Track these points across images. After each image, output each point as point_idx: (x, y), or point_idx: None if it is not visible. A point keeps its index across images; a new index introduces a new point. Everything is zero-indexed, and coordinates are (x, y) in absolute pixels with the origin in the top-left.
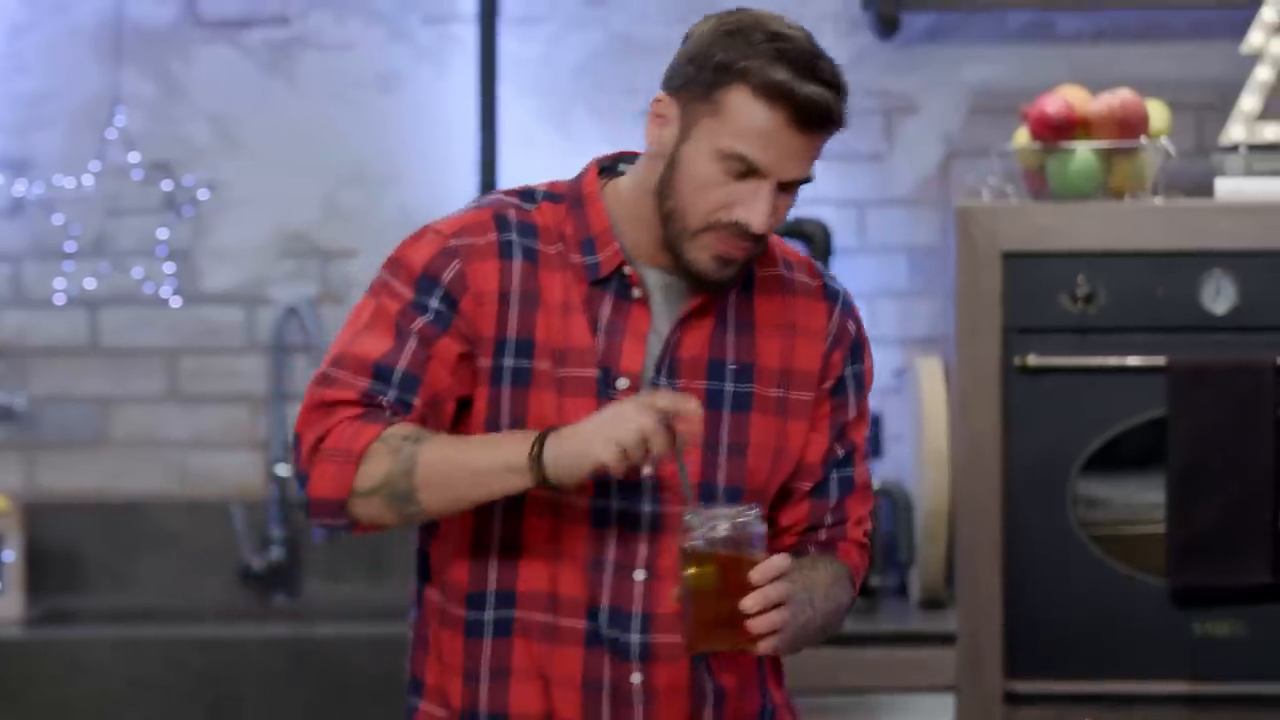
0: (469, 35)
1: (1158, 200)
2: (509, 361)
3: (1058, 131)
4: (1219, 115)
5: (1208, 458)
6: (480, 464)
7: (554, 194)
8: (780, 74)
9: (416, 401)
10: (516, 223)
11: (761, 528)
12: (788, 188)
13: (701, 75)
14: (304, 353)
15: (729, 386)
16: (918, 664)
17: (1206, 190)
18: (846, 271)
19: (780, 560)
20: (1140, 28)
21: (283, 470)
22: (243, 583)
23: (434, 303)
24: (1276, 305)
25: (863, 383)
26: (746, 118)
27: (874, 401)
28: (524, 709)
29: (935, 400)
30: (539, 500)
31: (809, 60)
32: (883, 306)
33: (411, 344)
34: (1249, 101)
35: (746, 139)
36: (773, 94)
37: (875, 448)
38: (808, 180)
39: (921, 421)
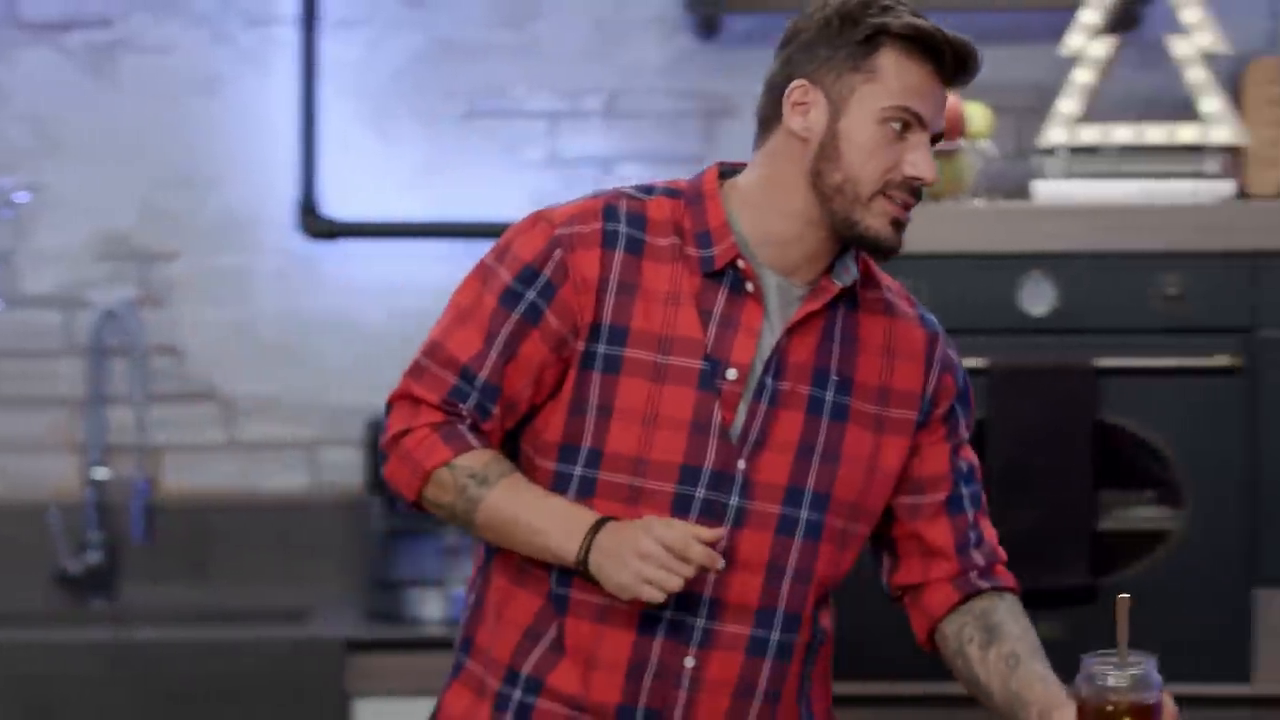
0: (290, 38)
1: (978, 202)
2: (602, 348)
3: None
4: (1039, 118)
5: (1027, 460)
6: (531, 538)
7: (672, 190)
8: (925, 27)
9: (495, 410)
10: (626, 213)
11: (1158, 676)
12: (934, 142)
13: (843, 51)
14: (123, 356)
15: (829, 396)
16: None
17: (1026, 192)
18: None
19: (1174, 708)
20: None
21: (101, 474)
22: (60, 586)
23: (532, 294)
24: (1096, 307)
25: (969, 407)
26: (903, 73)
27: None
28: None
29: None
30: (611, 485)
31: (930, 20)
32: None
33: (498, 349)
34: (1068, 104)
35: (906, 94)
36: (923, 46)
37: None
38: (943, 136)
39: None
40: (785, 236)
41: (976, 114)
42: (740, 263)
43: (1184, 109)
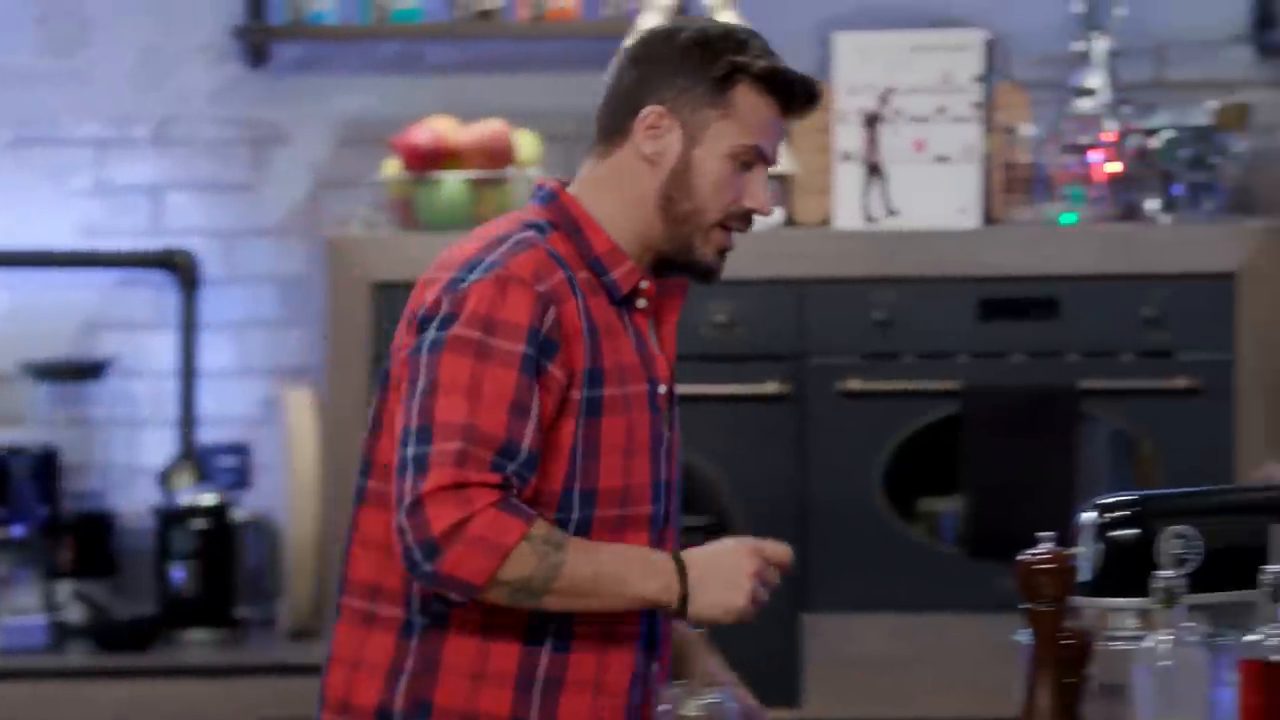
0: None
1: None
2: (590, 392)
3: (427, 162)
4: (586, 145)
5: None
6: (619, 589)
7: (541, 224)
8: (776, 64)
9: (533, 478)
10: (561, 257)
11: (734, 705)
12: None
13: (701, 86)
14: None
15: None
16: (287, 695)
17: None
18: (215, 302)
19: None
20: (510, 59)
21: None
22: None
23: (543, 359)
24: None
25: None
26: (756, 112)
27: (242, 432)
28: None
29: (304, 431)
30: (603, 519)
31: (782, 60)
32: (252, 337)
33: (533, 418)
34: None
35: (757, 132)
36: (774, 85)
37: (244, 478)
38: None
39: (291, 452)
40: (632, 254)
41: (525, 142)
42: (644, 283)
43: None
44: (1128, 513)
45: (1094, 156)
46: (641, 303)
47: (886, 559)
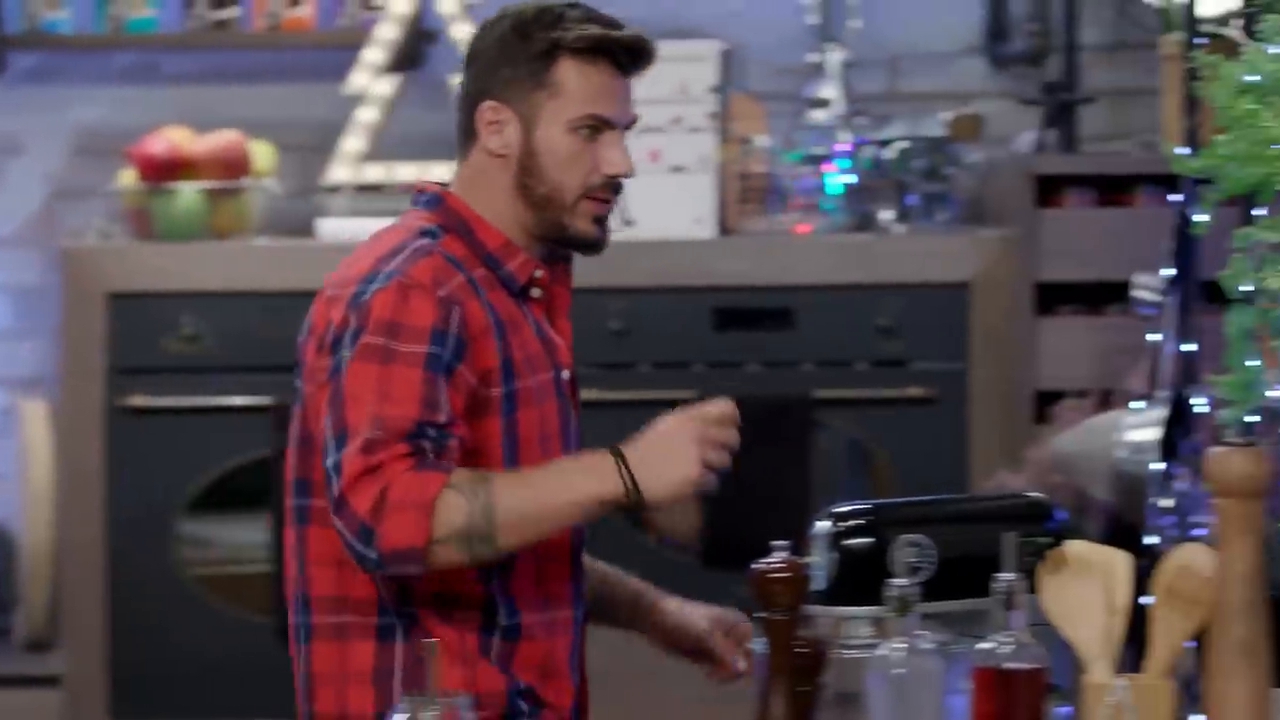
0: None
1: (263, 240)
2: (507, 388)
3: (163, 172)
4: (323, 156)
5: None
6: (564, 499)
7: (440, 227)
8: (594, 30)
9: (453, 444)
10: (456, 259)
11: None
12: (624, 131)
13: (523, 69)
14: None
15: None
16: (22, 707)
17: (311, 230)
18: None
19: None
20: (246, 69)
21: None
22: None
23: (448, 355)
24: None
25: None
26: (583, 82)
27: None
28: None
29: (39, 441)
30: None
31: (600, 14)
32: None
33: (444, 397)
34: (352, 142)
35: (590, 101)
36: (596, 50)
37: None
38: (636, 121)
39: (25, 463)
40: (521, 245)
41: (261, 152)
42: (538, 272)
43: None
44: (861, 521)
45: (829, 167)
46: (536, 292)
47: (624, 566)
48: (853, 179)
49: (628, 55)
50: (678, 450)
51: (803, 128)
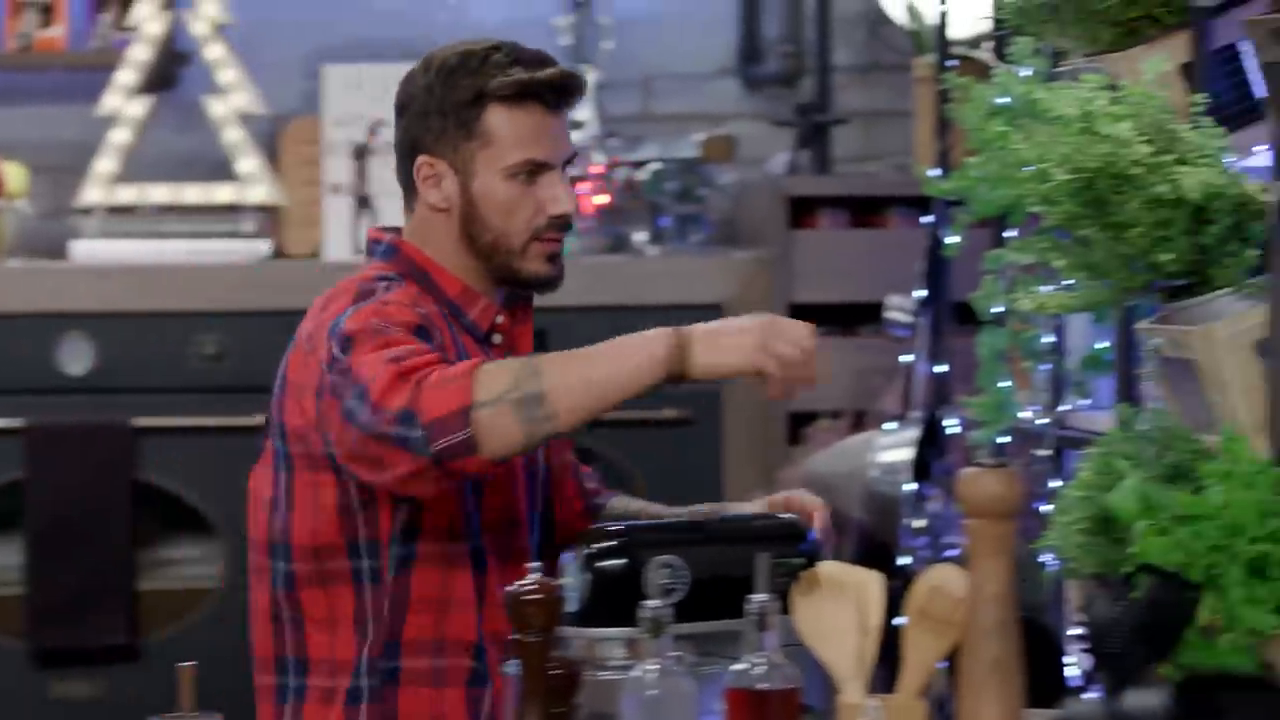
0: None
1: (14, 262)
2: None
3: None
4: (76, 177)
5: (66, 520)
6: (615, 356)
7: (399, 275)
8: (518, 74)
9: None
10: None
11: None
12: (565, 168)
13: (451, 120)
14: None
15: None
16: None
17: (64, 252)
18: None
19: None
20: None
21: None
22: None
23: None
24: (133, 367)
25: None
26: (514, 128)
27: None
28: None
29: None
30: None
31: (528, 52)
32: None
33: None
34: (104, 164)
35: (523, 146)
36: (523, 94)
37: None
38: (576, 155)
39: None
40: (484, 276)
41: (12, 173)
42: (499, 318)
43: (222, 169)
44: (614, 543)
45: (582, 189)
46: (498, 338)
47: None
48: (606, 200)
49: (555, 94)
50: (743, 329)
51: None
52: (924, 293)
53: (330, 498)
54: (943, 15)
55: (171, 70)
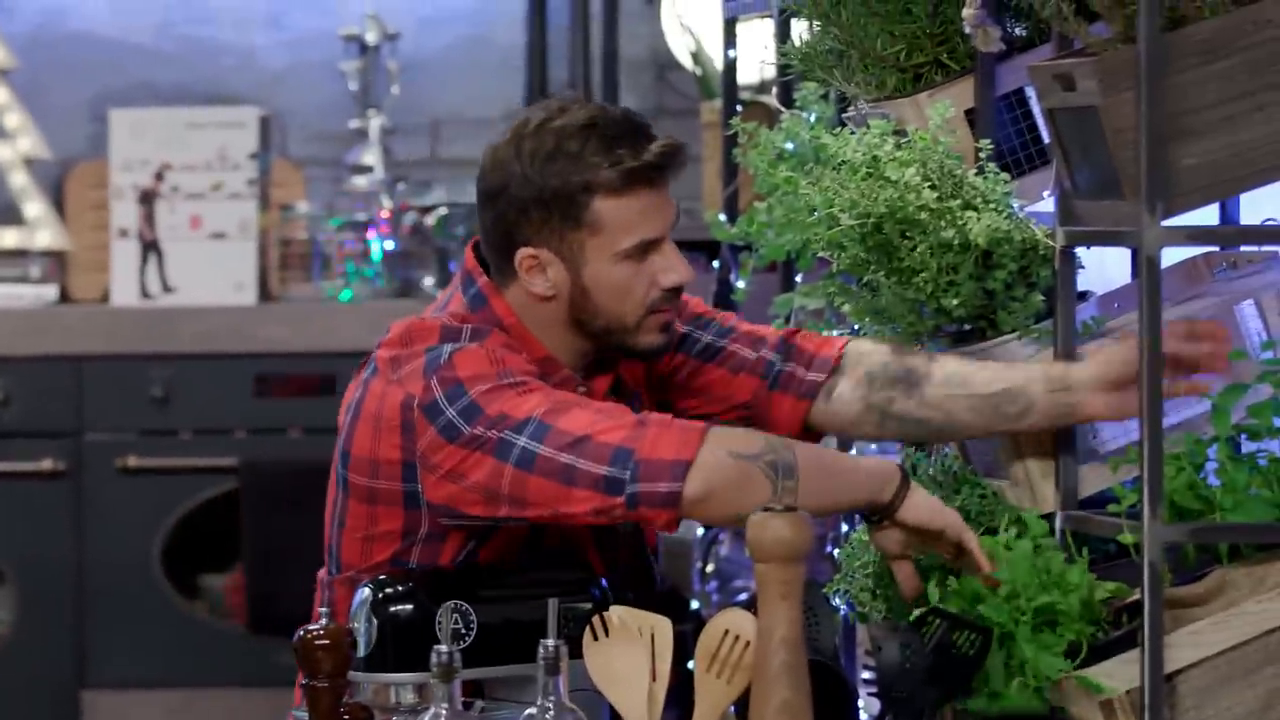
0: None
1: None
2: None
3: None
4: None
5: None
6: (849, 473)
7: (479, 327)
8: (619, 162)
9: None
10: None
11: None
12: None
13: (556, 212)
14: None
15: None
16: None
17: None
18: None
19: None
20: None
21: None
22: None
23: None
24: None
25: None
26: (623, 213)
27: None
28: None
29: None
30: None
31: (622, 126)
32: None
33: None
34: None
35: (634, 229)
36: (628, 182)
37: None
38: (679, 215)
39: None
40: (567, 362)
41: None
42: (581, 389)
43: (8, 214)
44: (403, 588)
45: (370, 234)
46: None
47: (166, 636)
48: (394, 245)
49: (661, 171)
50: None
51: (344, 194)
52: None
53: (390, 525)
54: (729, 60)
55: None
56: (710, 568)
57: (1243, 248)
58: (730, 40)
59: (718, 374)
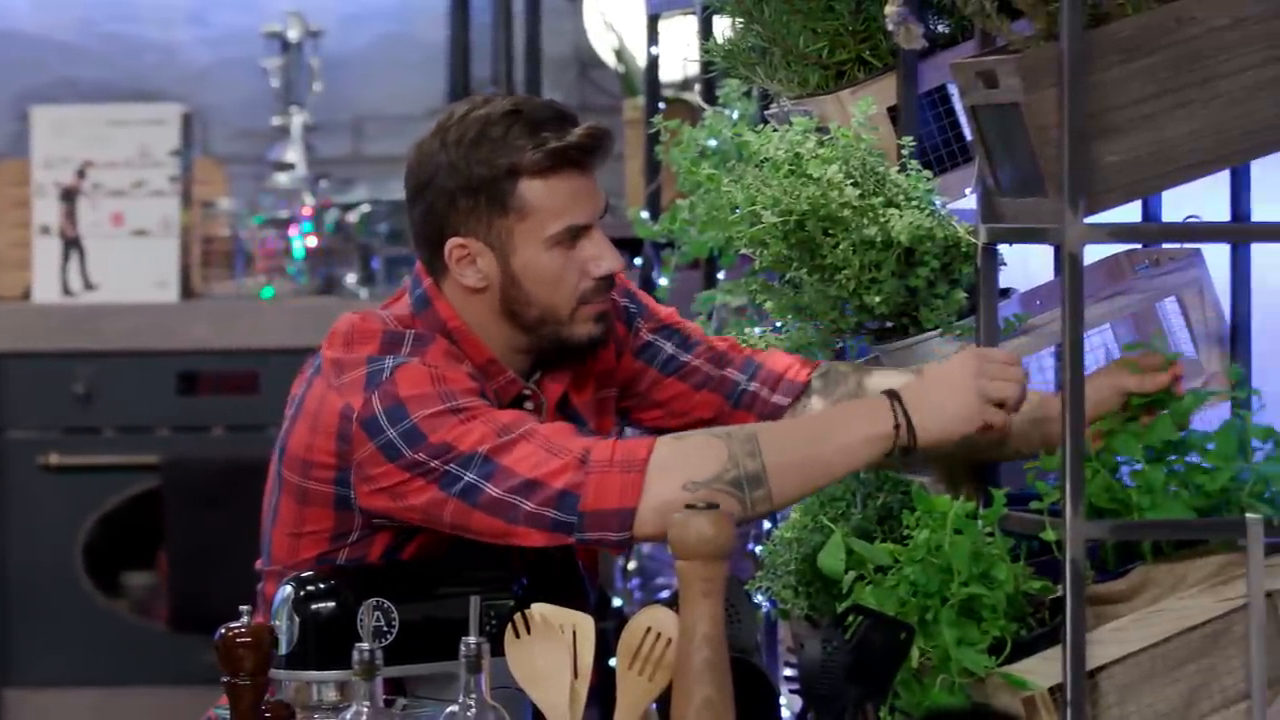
0: None
1: None
2: None
3: None
4: None
5: None
6: (834, 440)
7: (424, 336)
8: (544, 143)
9: None
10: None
11: None
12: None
13: (482, 197)
14: None
15: None
16: None
17: None
18: None
19: None
20: None
21: None
22: None
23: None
24: None
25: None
26: (551, 197)
27: None
28: None
29: None
30: None
31: (547, 112)
32: None
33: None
34: None
35: (562, 214)
36: (553, 163)
37: None
38: (609, 206)
39: None
40: (505, 360)
41: None
42: (526, 390)
43: None
44: (326, 586)
45: (293, 231)
46: (528, 406)
47: (89, 634)
48: (316, 242)
49: (586, 154)
50: (959, 386)
51: (266, 191)
52: None
53: (319, 525)
54: (652, 57)
55: None
56: (632, 565)
57: (1164, 245)
58: (653, 37)
59: (680, 388)
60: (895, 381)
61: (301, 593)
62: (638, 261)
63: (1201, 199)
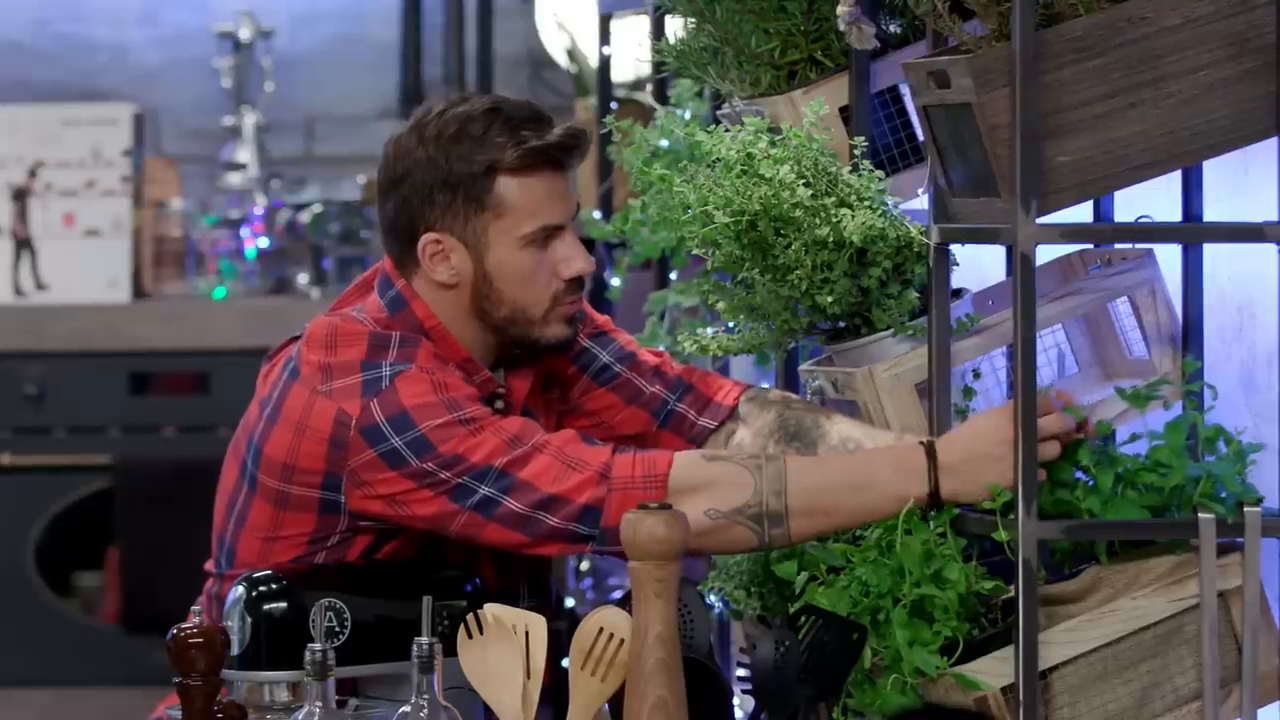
0: None
1: None
2: None
3: None
4: None
5: None
6: (868, 492)
7: (411, 335)
8: (524, 142)
9: None
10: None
11: None
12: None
13: (460, 192)
14: None
15: None
16: None
17: None
18: None
19: None
20: None
21: None
22: None
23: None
24: None
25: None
26: (527, 195)
27: None
28: None
29: None
30: None
31: (526, 111)
32: None
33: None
34: None
35: (538, 213)
36: (532, 161)
37: None
38: (580, 208)
39: None
40: (477, 357)
41: None
42: (500, 389)
43: None
44: (278, 586)
45: (245, 231)
46: (499, 404)
47: (39, 634)
48: (268, 243)
49: (564, 153)
50: (999, 455)
51: (218, 191)
52: None
53: (298, 529)
54: (604, 57)
55: None
56: (585, 565)
57: (1117, 245)
58: (605, 37)
59: (610, 400)
60: (884, 437)
61: (254, 593)
62: None
63: (1153, 199)
